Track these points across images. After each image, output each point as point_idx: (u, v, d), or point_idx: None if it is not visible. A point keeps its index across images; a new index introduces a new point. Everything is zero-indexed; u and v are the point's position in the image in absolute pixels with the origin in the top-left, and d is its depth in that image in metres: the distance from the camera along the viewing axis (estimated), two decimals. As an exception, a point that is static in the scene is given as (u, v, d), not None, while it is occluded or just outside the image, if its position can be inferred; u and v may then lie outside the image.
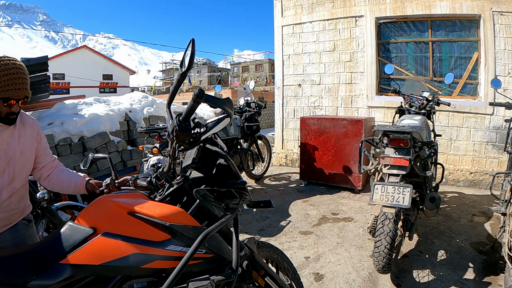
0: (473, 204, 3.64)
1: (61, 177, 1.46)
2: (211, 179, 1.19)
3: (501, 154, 4.22)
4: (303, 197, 3.97)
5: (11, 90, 1.17)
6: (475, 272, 2.22)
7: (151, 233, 0.97)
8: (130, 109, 5.23)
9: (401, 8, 4.66)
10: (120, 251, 0.93)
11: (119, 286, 0.97)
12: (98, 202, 1.04)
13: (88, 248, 0.92)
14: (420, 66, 4.86)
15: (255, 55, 65.31)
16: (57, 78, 23.30)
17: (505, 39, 4.12)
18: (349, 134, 4.07)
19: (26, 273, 0.90)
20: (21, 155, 1.34)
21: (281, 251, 1.56)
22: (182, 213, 1.04)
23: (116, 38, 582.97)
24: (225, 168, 1.21)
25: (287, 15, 5.62)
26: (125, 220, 0.97)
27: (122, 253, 0.93)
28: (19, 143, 1.33)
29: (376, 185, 2.13)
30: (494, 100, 4.03)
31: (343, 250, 2.59)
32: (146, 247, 0.95)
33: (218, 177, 1.20)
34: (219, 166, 1.20)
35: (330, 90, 5.30)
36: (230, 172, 1.22)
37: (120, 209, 0.99)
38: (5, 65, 1.17)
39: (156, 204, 1.06)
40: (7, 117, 1.24)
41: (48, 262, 0.92)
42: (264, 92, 22.83)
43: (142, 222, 0.97)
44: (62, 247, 0.94)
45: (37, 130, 1.42)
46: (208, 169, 1.21)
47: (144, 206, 1.01)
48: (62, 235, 0.96)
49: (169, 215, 1.01)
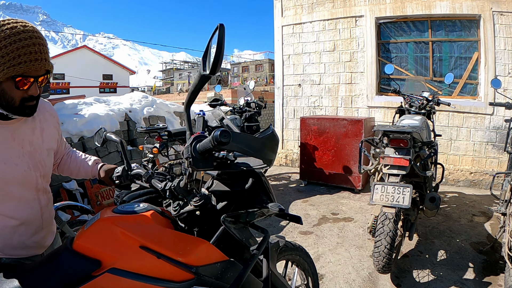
0: (473, 204, 3.64)
1: (70, 162, 1.24)
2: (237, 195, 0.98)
3: (501, 154, 4.22)
4: (303, 197, 3.97)
5: (25, 63, 0.83)
6: (475, 272, 2.22)
7: (170, 272, 0.79)
8: (130, 109, 5.22)
9: (401, 8, 4.66)
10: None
11: None
12: (102, 227, 0.84)
13: (93, 285, 0.75)
14: (420, 66, 4.86)
15: (255, 55, 65.34)
16: (57, 78, 23.31)
17: (505, 39, 4.12)
18: (349, 134, 4.06)
19: None
20: (48, 154, 1.06)
21: (304, 251, 1.48)
22: (209, 247, 0.87)
23: (116, 38, 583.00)
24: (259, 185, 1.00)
25: (287, 15, 5.62)
26: (137, 255, 0.79)
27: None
28: (43, 139, 1.03)
29: (376, 185, 2.13)
30: (494, 100, 4.03)
31: (343, 250, 2.59)
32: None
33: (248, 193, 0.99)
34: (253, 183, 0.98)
35: (330, 90, 5.30)
36: (263, 189, 1.01)
37: (131, 240, 0.80)
38: (11, 29, 0.82)
39: (176, 235, 0.87)
40: (23, 106, 0.89)
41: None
42: (264, 92, 22.83)
43: (158, 260, 0.79)
44: (62, 281, 0.76)
45: (56, 117, 1.13)
46: (235, 182, 0.99)
47: (161, 240, 0.82)
48: (60, 265, 0.79)
49: (194, 253, 0.83)
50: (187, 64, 61.12)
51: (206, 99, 8.01)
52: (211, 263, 0.85)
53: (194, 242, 0.86)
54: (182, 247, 0.83)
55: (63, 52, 27.60)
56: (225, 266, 0.88)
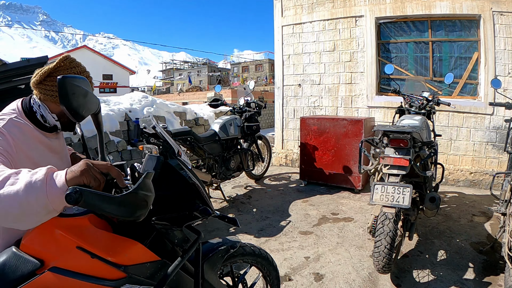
0: (473, 204, 3.64)
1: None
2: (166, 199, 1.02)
3: (501, 154, 4.22)
4: (303, 197, 3.97)
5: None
6: (475, 272, 2.22)
7: (104, 271, 0.86)
8: (130, 109, 5.23)
9: (401, 8, 4.66)
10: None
11: None
12: (44, 228, 0.87)
13: (38, 283, 0.80)
14: (420, 66, 4.86)
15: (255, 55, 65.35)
16: (57, 78, 23.29)
17: (505, 39, 4.12)
18: (349, 134, 4.06)
19: None
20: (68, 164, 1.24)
21: (263, 255, 1.47)
22: (138, 248, 0.93)
23: (116, 38, 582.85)
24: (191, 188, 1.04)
25: (287, 15, 5.62)
26: (75, 254, 0.85)
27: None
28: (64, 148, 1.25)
29: (376, 185, 2.13)
30: (494, 100, 4.03)
31: (343, 250, 2.59)
32: (98, 286, 0.85)
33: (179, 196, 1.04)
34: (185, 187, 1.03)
35: (330, 90, 5.30)
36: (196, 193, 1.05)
37: (69, 241, 0.85)
38: (79, 67, 1.16)
39: (109, 237, 0.93)
40: (71, 124, 1.18)
41: None
42: (264, 92, 22.83)
43: (93, 259, 0.86)
44: (8, 279, 0.80)
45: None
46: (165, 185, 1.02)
47: (95, 241, 0.88)
48: (7, 265, 0.82)
49: (124, 254, 0.90)
50: (187, 64, 61.11)
51: (206, 99, 8.01)
52: (141, 263, 0.92)
53: (125, 243, 0.92)
54: (113, 247, 0.90)
55: (63, 52, 27.55)
56: (156, 266, 0.94)
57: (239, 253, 1.36)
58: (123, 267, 0.88)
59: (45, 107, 1.11)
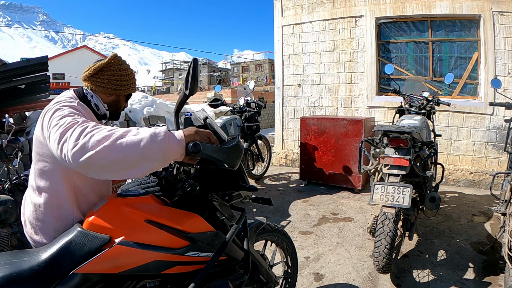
0: (473, 204, 3.64)
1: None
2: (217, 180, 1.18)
3: (501, 154, 4.22)
4: (303, 197, 3.97)
5: (133, 86, 1.31)
6: (475, 272, 2.22)
7: (170, 241, 0.97)
8: (130, 109, 5.23)
9: (401, 8, 4.66)
10: (140, 260, 0.91)
11: (134, 286, 0.97)
12: (110, 207, 0.99)
13: (105, 257, 0.89)
14: (420, 66, 4.86)
15: (255, 55, 65.32)
16: (57, 78, 23.29)
17: (505, 39, 4.12)
18: (349, 134, 4.06)
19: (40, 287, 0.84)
20: None
21: (283, 232, 1.70)
22: (200, 220, 1.06)
23: (116, 38, 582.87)
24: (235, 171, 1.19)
25: (287, 15, 5.62)
26: (143, 228, 0.95)
27: (142, 261, 0.91)
28: None
29: (376, 185, 2.13)
30: (494, 100, 4.03)
31: (343, 250, 2.59)
32: (166, 255, 0.95)
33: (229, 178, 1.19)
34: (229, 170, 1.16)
35: (330, 90, 5.30)
36: (239, 175, 1.21)
37: (137, 216, 0.96)
38: (125, 64, 1.29)
39: (173, 211, 1.04)
40: (117, 113, 1.34)
41: (62, 272, 0.87)
42: (264, 92, 22.83)
43: (161, 230, 0.95)
44: (76, 255, 0.89)
45: None
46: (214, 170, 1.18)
47: (162, 214, 0.99)
48: (74, 242, 0.91)
49: (189, 224, 1.01)
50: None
51: (206, 99, 8.01)
52: (202, 232, 1.04)
53: (188, 215, 1.04)
54: (179, 218, 1.01)
55: (63, 52, 27.60)
56: (213, 235, 1.07)
57: (266, 229, 1.58)
58: (191, 234, 1.00)
59: (97, 97, 1.24)
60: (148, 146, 0.83)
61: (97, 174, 0.83)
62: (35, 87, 4.45)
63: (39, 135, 1.08)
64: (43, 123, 1.04)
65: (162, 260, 0.94)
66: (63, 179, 1.08)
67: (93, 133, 0.84)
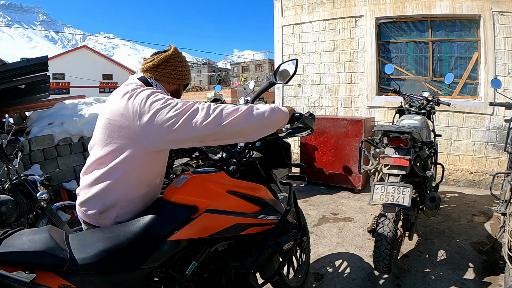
0: (473, 204, 3.64)
1: None
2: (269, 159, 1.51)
3: (501, 154, 4.22)
4: (303, 197, 3.97)
5: (189, 76, 1.41)
6: (475, 272, 2.22)
7: (246, 207, 1.19)
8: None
9: (401, 8, 4.66)
10: (224, 223, 1.11)
11: (207, 249, 1.13)
12: (195, 181, 1.15)
13: (196, 224, 1.05)
14: (420, 66, 4.86)
15: (255, 55, 65.34)
16: (57, 78, 23.28)
17: (505, 39, 4.12)
18: (349, 134, 4.06)
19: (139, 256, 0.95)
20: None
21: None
22: (266, 189, 1.31)
23: (116, 38, 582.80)
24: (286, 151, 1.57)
25: (287, 15, 5.62)
26: (225, 197, 1.14)
27: (226, 224, 1.11)
28: None
29: (376, 185, 2.13)
30: (494, 100, 4.03)
31: (343, 250, 2.59)
32: (244, 218, 1.16)
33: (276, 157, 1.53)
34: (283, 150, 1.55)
35: (330, 90, 5.30)
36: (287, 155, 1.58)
37: (220, 188, 1.15)
38: (183, 56, 1.37)
39: (246, 183, 1.26)
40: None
41: (157, 241, 0.98)
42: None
43: (239, 199, 1.17)
44: (168, 225, 1.02)
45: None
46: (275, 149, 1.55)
47: (240, 185, 1.21)
48: (164, 213, 1.04)
49: (261, 192, 1.27)
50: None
51: (206, 99, 8.03)
52: (270, 199, 1.30)
53: (257, 186, 1.29)
54: (254, 188, 1.25)
55: (63, 52, 27.59)
56: (275, 202, 1.33)
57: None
58: (265, 200, 1.25)
59: (162, 86, 1.31)
60: (269, 117, 1.10)
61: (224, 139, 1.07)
62: (35, 87, 4.45)
63: (117, 119, 1.10)
64: (133, 108, 1.08)
65: (241, 223, 1.15)
66: (145, 163, 1.13)
67: (220, 108, 1.05)
